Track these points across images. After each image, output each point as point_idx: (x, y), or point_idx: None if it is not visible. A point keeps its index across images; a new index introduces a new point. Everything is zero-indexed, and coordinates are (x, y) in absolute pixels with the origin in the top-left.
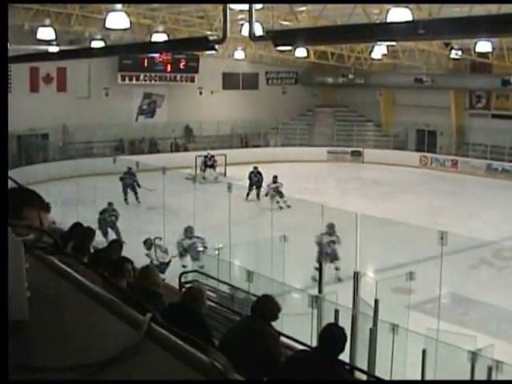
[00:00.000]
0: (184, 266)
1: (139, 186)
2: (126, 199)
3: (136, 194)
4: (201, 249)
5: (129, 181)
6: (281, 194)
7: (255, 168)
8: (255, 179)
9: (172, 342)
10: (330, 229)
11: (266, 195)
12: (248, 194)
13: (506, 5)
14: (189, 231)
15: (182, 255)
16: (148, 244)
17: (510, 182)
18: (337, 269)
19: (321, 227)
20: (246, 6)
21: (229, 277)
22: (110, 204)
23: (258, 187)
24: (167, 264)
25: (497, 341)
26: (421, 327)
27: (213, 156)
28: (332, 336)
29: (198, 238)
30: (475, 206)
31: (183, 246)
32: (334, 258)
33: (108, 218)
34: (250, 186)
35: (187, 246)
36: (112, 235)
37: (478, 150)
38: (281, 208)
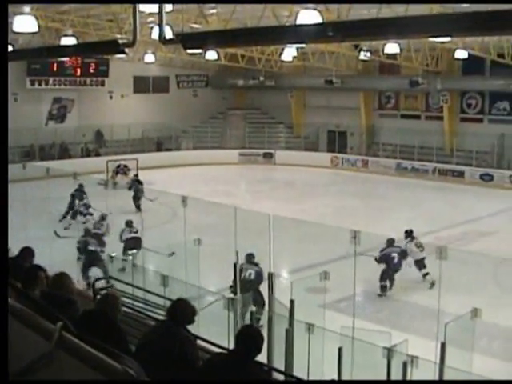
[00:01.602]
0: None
1: (89, 205)
2: (64, 217)
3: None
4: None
5: (78, 198)
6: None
7: (135, 175)
8: (134, 188)
9: (84, 351)
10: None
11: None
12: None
13: (412, 6)
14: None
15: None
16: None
17: (420, 180)
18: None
19: (233, 229)
20: (155, 9)
21: (143, 282)
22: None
23: (139, 198)
24: None
25: (410, 336)
26: (336, 326)
27: (126, 166)
28: (249, 337)
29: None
30: (386, 205)
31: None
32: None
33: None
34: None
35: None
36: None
37: (388, 150)
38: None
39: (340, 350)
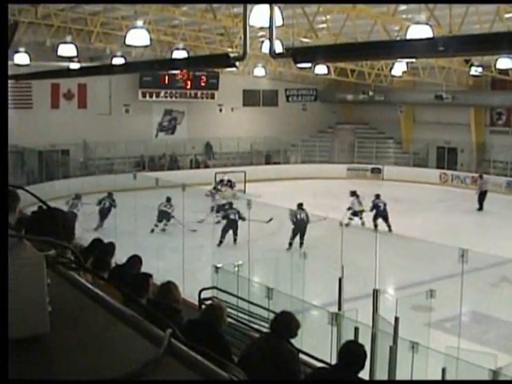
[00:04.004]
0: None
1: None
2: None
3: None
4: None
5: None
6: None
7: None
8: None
9: (192, 358)
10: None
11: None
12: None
13: None
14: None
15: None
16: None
17: None
18: None
19: (340, 243)
20: (266, 23)
21: (248, 293)
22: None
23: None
24: None
25: None
26: (441, 345)
27: (229, 180)
28: (352, 353)
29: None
30: (496, 223)
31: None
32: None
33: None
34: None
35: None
36: None
37: (499, 167)
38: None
39: (444, 370)
